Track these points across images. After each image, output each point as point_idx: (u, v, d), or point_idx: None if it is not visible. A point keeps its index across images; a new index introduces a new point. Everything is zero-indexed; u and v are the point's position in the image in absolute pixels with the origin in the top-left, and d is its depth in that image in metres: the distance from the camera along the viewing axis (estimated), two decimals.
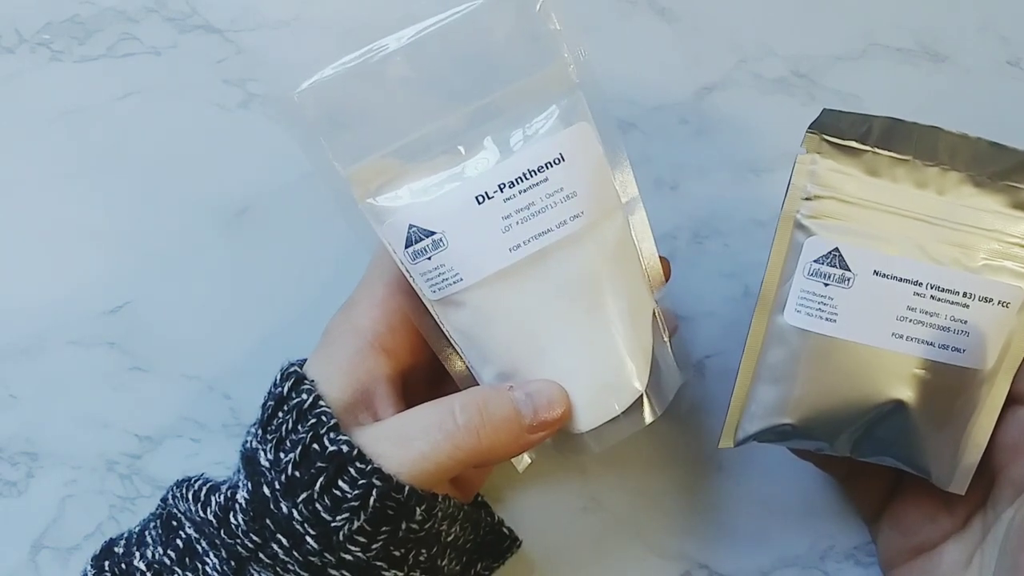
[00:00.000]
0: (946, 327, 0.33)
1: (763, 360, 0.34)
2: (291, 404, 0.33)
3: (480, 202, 0.32)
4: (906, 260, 0.33)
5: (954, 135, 0.33)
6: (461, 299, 0.33)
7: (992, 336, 0.33)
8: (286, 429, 0.33)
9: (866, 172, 0.33)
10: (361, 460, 0.31)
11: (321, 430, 0.32)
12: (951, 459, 0.34)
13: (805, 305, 0.33)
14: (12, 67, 0.44)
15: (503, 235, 0.32)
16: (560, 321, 0.33)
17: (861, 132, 0.33)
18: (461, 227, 0.32)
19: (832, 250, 0.33)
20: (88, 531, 0.42)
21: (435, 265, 0.33)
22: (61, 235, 0.43)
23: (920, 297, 0.33)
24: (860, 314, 0.33)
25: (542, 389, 0.33)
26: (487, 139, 0.33)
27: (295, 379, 0.34)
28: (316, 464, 0.31)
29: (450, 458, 0.32)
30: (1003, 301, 0.33)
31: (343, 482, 0.31)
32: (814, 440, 0.34)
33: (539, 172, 0.32)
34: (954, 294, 0.33)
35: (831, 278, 0.33)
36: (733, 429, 0.35)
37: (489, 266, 0.32)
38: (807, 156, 0.34)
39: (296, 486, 0.32)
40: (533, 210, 0.32)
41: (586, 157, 0.33)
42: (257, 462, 0.33)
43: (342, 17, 0.44)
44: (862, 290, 0.33)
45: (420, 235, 0.32)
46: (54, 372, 0.42)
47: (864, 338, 0.33)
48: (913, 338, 0.33)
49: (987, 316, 0.33)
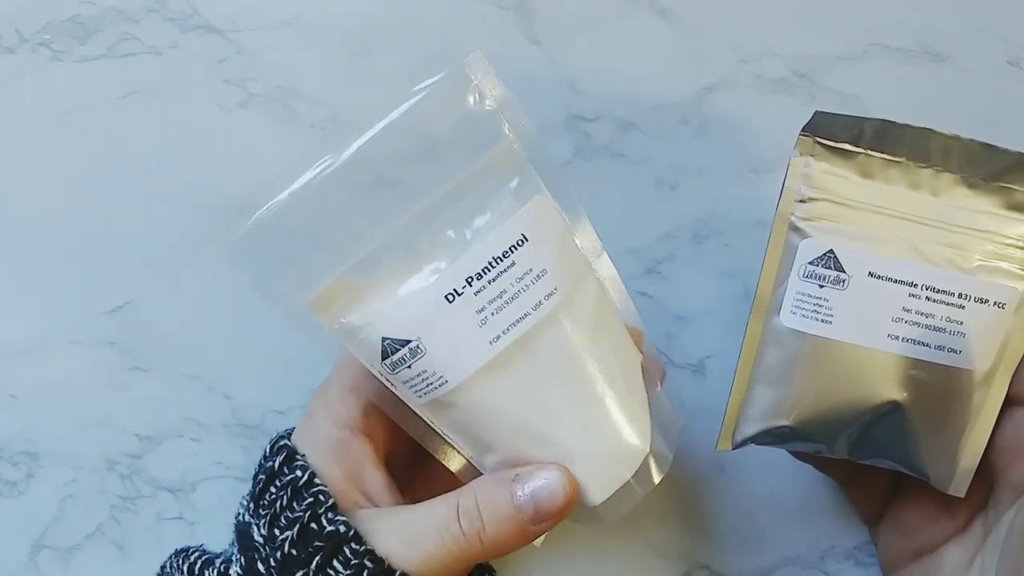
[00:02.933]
0: (942, 328, 0.33)
1: (760, 362, 0.34)
2: (284, 480, 0.34)
3: (451, 300, 0.31)
4: (901, 261, 0.33)
5: (946, 136, 0.33)
6: (450, 400, 0.32)
7: (988, 337, 0.33)
8: (280, 505, 0.33)
9: (860, 174, 0.33)
10: (357, 541, 0.32)
11: (319, 509, 0.32)
12: (950, 461, 0.34)
13: (801, 307, 0.33)
14: (13, 67, 0.44)
15: (481, 329, 0.31)
16: (554, 402, 0.32)
17: (854, 134, 0.33)
18: (436, 330, 0.31)
19: (827, 252, 0.33)
20: (88, 531, 0.42)
21: (416, 372, 0.32)
22: (62, 235, 0.43)
23: (915, 298, 0.33)
24: (855, 315, 0.33)
25: (542, 484, 0.32)
26: (446, 233, 0.32)
27: (287, 454, 0.34)
28: (314, 543, 0.32)
29: (457, 560, 0.32)
30: (999, 302, 0.33)
31: (337, 562, 0.32)
32: (812, 442, 0.34)
33: (504, 258, 0.31)
34: (949, 295, 0.33)
35: (826, 280, 0.33)
36: (731, 432, 0.35)
37: (473, 364, 0.31)
38: (800, 159, 0.34)
39: (293, 565, 0.32)
40: (506, 297, 0.31)
41: (548, 231, 0.32)
42: (251, 537, 0.33)
43: (342, 17, 0.44)
44: (857, 292, 0.33)
45: (396, 346, 0.31)
46: (54, 372, 0.42)
47: (860, 339, 0.33)
48: (909, 339, 0.33)
49: (983, 317, 0.33)
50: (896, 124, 0.33)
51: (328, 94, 0.44)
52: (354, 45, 0.44)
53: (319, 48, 0.44)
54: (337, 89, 0.44)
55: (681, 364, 0.42)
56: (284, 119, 0.43)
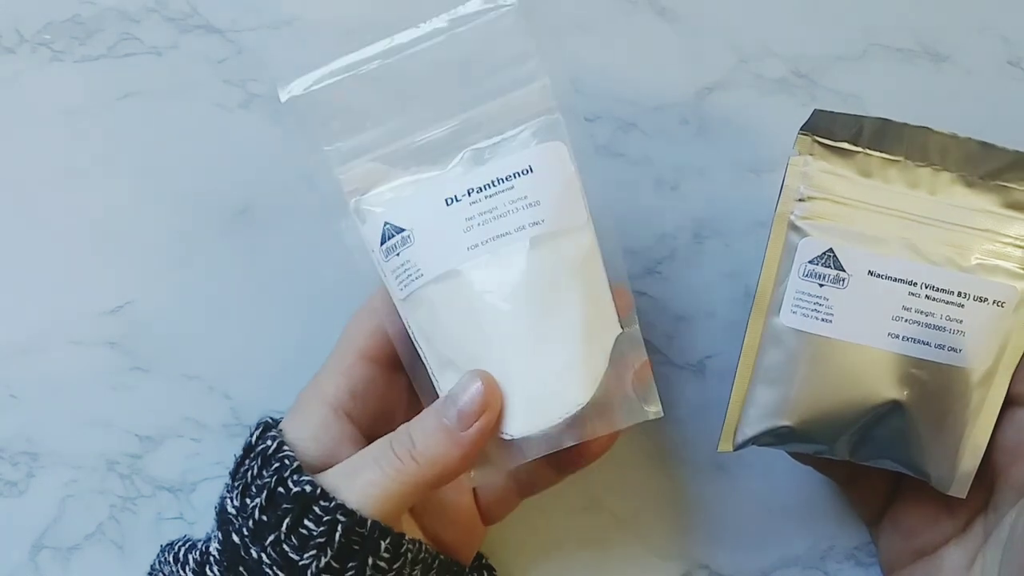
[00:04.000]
0: (941, 327, 0.33)
1: (760, 362, 0.34)
2: (256, 451, 0.34)
3: (448, 204, 0.34)
4: (900, 260, 0.33)
5: (944, 135, 0.33)
6: (420, 295, 0.34)
7: (988, 336, 0.33)
8: (251, 475, 0.34)
9: (858, 173, 0.34)
10: (325, 498, 0.32)
11: (285, 473, 0.33)
12: (951, 462, 0.34)
13: (800, 306, 0.33)
14: (13, 67, 0.44)
15: (464, 234, 0.34)
16: (508, 323, 0.33)
17: (852, 133, 0.33)
18: (428, 225, 0.34)
19: (826, 251, 0.33)
20: (89, 531, 0.42)
21: (402, 261, 0.34)
22: (62, 235, 0.43)
23: (915, 297, 0.33)
24: (855, 314, 0.33)
25: (460, 385, 0.33)
26: (466, 150, 0.35)
27: (263, 427, 0.35)
28: (282, 506, 0.32)
29: (397, 483, 0.32)
30: (998, 301, 0.33)
31: (308, 521, 0.32)
32: (813, 443, 0.34)
33: (507, 180, 0.34)
34: (949, 294, 0.33)
35: (826, 279, 0.33)
36: (732, 433, 0.35)
37: (447, 262, 0.34)
38: (799, 158, 0.34)
39: (264, 529, 0.32)
40: (495, 214, 0.34)
41: (555, 172, 0.34)
42: (225, 510, 0.34)
43: (342, 17, 0.44)
44: (857, 290, 0.33)
45: (392, 231, 0.34)
46: (55, 372, 0.43)
47: (860, 338, 0.33)
48: (909, 338, 0.33)
49: (983, 316, 0.33)
50: (894, 123, 0.33)
51: None
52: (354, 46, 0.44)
53: (319, 48, 0.44)
54: None
55: (681, 364, 0.42)
56: (284, 119, 0.43)
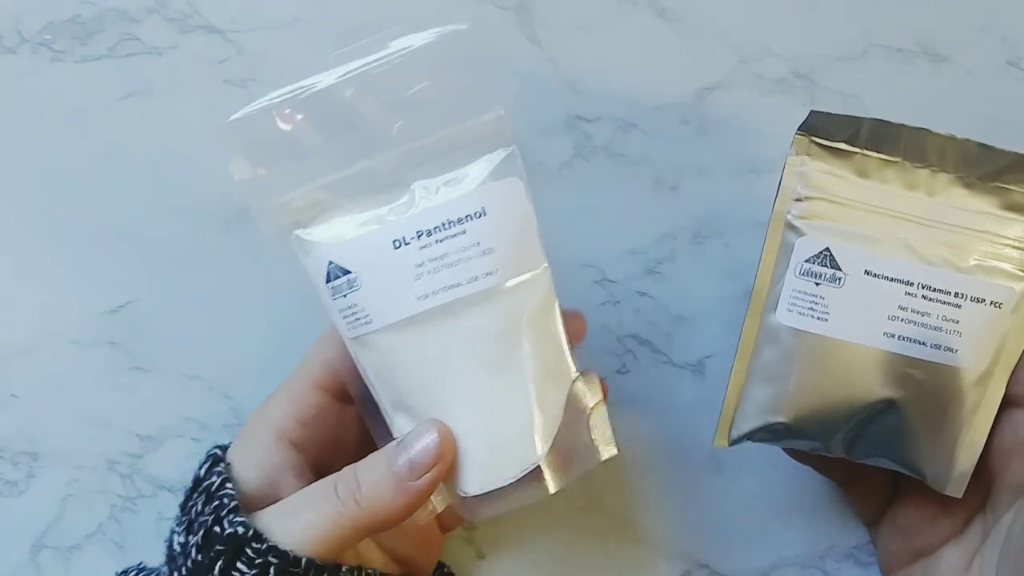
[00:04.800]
0: (938, 327, 0.33)
1: (756, 359, 0.34)
2: (203, 486, 0.34)
3: (396, 247, 0.32)
4: (897, 260, 0.33)
5: (942, 137, 0.33)
6: (371, 341, 0.33)
7: (985, 336, 0.33)
8: (196, 511, 0.33)
9: (856, 173, 0.34)
10: (257, 540, 0.32)
11: (222, 512, 0.32)
12: (947, 462, 0.34)
13: (797, 304, 0.33)
14: (14, 67, 0.44)
15: (414, 283, 0.32)
16: (462, 378, 0.32)
17: (850, 134, 0.33)
18: (375, 270, 0.32)
19: (823, 250, 0.33)
20: (89, 531, 0.42)
21: (349, 303, 0.33)
22: (62, 235, 0.43)
23: (912, 297, 0.33)
24: (852, 313, 0.33)
25: (415, 434, 0.32)
26: (416, 184, 0.33)
27: (212, 460, 0.35)
28: (215, 547, 0.32)
29: (337, 525, 0.32)
30: (995, 302, 0.33)
31: (241, 563, 0.32)
32: (808, 439, 0.34)
33: (458, 224, 0.32)
34: (946, 294, 0.33)
35: (822, 277, 0.33)
36: (727, 428, 0.35)
37: (397, 312, 0.32)
38: (796, 158, 0.34)
39: (200, 570, 0.32)
40: (447, 261, 0.32)
41: (510, 214, 0.32)
42: (171, 547, 0.34)
43: (342, 17, 0.44)
44: (853, 290, 0.33)
45: (337, 272, 0.33)
46: (55, 372, 0.43)
47: (856, 337, 0.33)
48: (905, 337, 0.33)
49: (980, 317, 0.33)
50: (892, 124, 0.33)
51: None
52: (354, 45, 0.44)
53: (319, 49, 0.44)
54: None
55: (681, 364, 0.42)
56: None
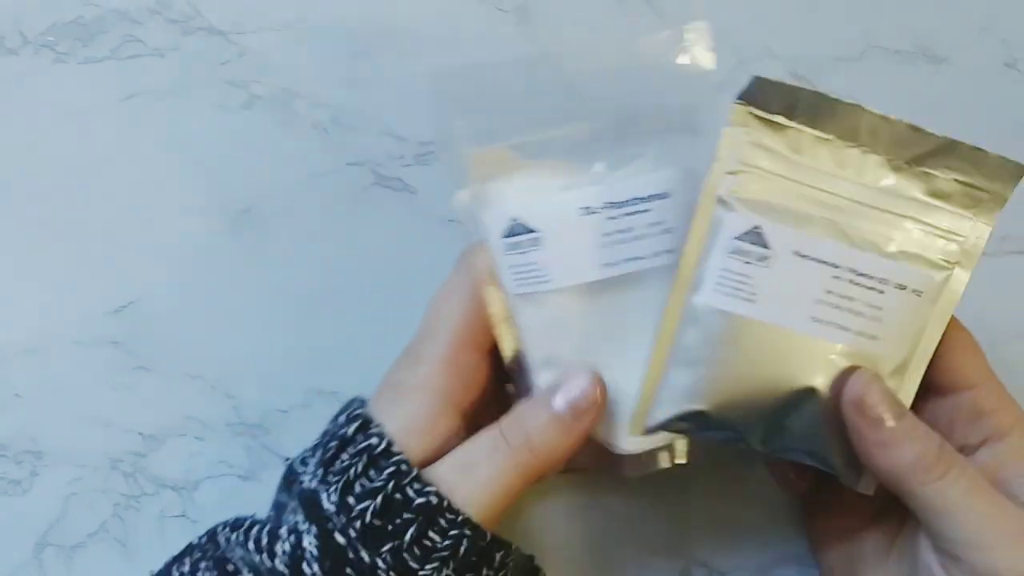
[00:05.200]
0: (861, 313, 0.32)
1: (678, 343, 0.33)
2: (358, 447, 0.33)
3: (585, 214, 0.33)
4: (826, 242, 0.32)
5: (876, 116, 0.32)
6: (543, 299, 0.34)
7: (904, 325, 0.32)
8: (354, 473, 0.32)
9: (789, 149, 0.33)
10: (451, 511, 0.32)
11: (403, 480, 0.32)
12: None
13: (724, 284, 0.32)
14: (16, 68, 0.44)
15: (600, 250, 0.33)
16: (626, 343, 0.34)
17: (786, 104, 0.33)
18: (561, 232, 0.33)
19: (753, 227, 0.32)
20: (92, 529, 0.42)
21: (527, 261, 0.33)
22: (65, 235, 0.43)
23: (839, 280, 0.32)
24: (779, 295, 0.32)
25: (571, 380, 0.33)
26: (612, 155, 0.34)
27: (361, 422, 0.33)
28: (402, 515, 0.32)
29: (514, 476, 0.32)
30: (916, 289, 0.32)
31: (433, 532, 0.32)
32: (727, 431, 0.33)
33: (645, 200, 0.33)
34: (871, 279, 0.32)
35: (751, 256, 0.32)
36: (643, 417, 0.34)
37: (579, 276, 0.33)
38: (732, 129, 0.33)
39: (379, 535, 0.32)
40: (632, 235, 0.33)
41: (687, 200, 0.33)
42: (319, 504, 0.32)
43: (344, 19, 0.44)
44: (782, 270, 0.32)
45: (520, 229, 0.33)
46: (58, 371, 0.43)
47: (782, 320, 0.32)
48: (831, 323, 0.32)
49: (900, 303, 0.32)
50: (828, 98, 0.32)
51: (330, 95, 0.44)
52: (355, 47, 0.44)
53: (321, 50, 0.44)
54: (339, 90, 0.44)
55: None
56: (286, 120, 0.44)
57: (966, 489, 0.32)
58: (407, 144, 0.44)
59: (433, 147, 0.43)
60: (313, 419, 0.42)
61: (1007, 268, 0.43)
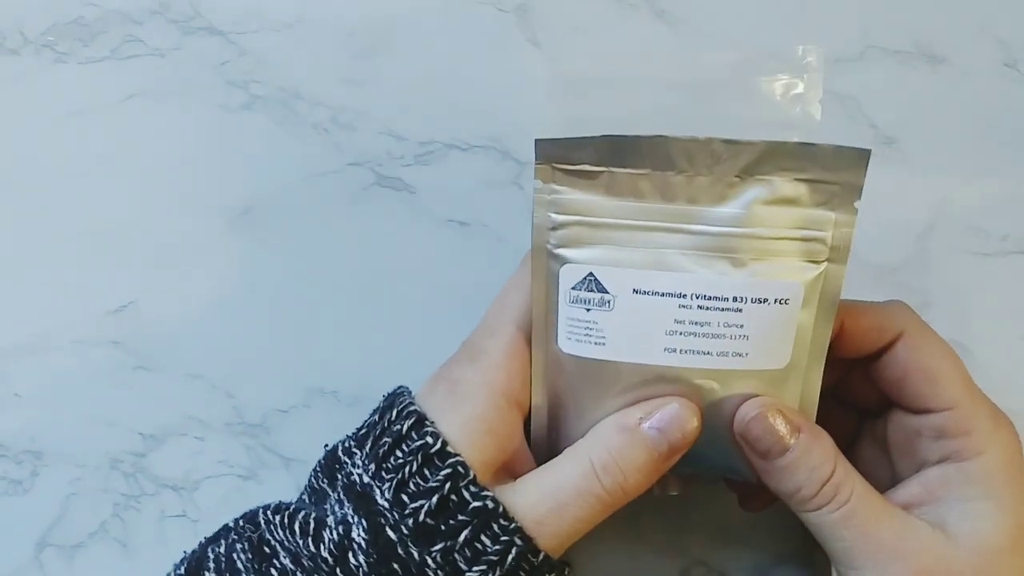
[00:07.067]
0: (720, 335, 0.31)
1: (548, 389, 0.34)
2: (413, 445, 0.33)
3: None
4: (663, 274, 0.31)
5: (684, 140, 0.31)
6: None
7: (777, 335, 0.32)
8: (409, 471, 0.32)
9: (607, 193, 0.32)
10: (505, 518, 0.32)
11: (460, 483, 0.32)
12: None
13: (574, 332, 0.32)
14: (17, 68, 0.44)
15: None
16: None
17: (586, 154, 0.32)
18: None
19: (587, 275, 0.32)
20: (92, 529, 0.42)
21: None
22: (66, 235, 0.43)
23: (687, 309, 0.31)
24: (627, 334, 0.32)
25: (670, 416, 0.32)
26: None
27: (416, 419, 0.33)
28: (457, 516, 0.32)
29: (601, 516, 0.32)
30: (780, 299, 0.31)
31: (485, 536, 0.32)
32: None
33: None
34: (723, 300, 0.31)
35: (591, 303, 0.32)
36: None
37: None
38: (544, 187, 0.32)
39: (431, 534, 0.32)
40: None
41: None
42: (373, 500, 0.32)
43: (344, 19, 0.44)
44: (625, 310, 0.32)
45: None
46: (58, 371, 0.43)
47: (637, 357, 0.32)
48: (687, 350, 0.32)
49: (765, 317, 0.31)
50: (627, 137, 0.31)
51: (330, 96, 0.44)
52: (356, 47, 0.44)
53: (321, 50, 0.44)
54: (339, 91, 0.44)
55: None
56: (286, 121, 0.44)
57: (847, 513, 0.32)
58: (407, 144, 0.44)
59: (433, 147, 0.43)
60: (313, 419, 0.43)
61: (1007, 268, 0.43)
